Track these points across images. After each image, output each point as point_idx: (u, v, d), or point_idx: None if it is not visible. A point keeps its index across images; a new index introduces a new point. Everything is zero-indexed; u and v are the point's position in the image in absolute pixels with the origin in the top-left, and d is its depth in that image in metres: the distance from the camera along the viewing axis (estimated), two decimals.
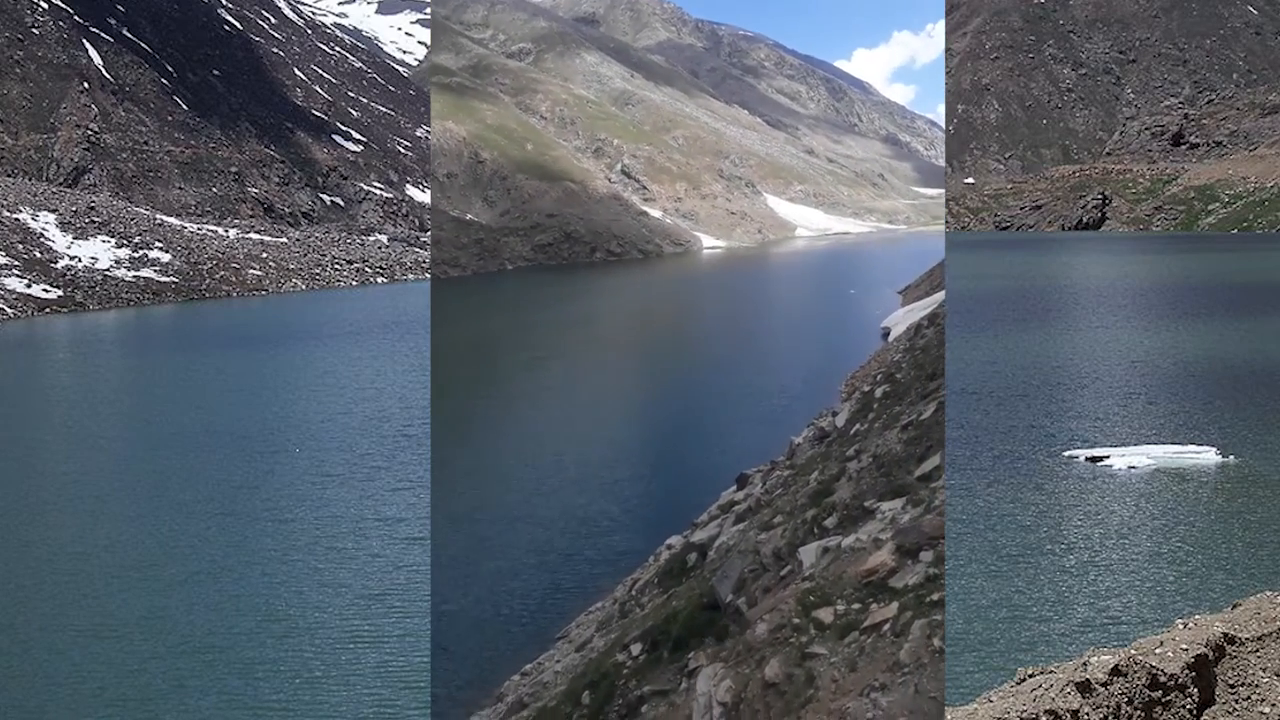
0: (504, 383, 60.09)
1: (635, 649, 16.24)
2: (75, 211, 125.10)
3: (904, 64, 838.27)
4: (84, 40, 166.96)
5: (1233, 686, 12.85)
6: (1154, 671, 12.24)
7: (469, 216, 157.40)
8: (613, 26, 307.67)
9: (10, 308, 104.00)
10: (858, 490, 18.44)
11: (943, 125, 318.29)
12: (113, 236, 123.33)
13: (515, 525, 35.07)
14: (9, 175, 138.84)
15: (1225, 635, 13.08)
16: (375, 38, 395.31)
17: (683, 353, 70.82)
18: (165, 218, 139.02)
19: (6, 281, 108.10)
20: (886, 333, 63.63)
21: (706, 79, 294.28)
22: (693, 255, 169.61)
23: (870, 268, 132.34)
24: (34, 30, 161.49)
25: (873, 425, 24.96)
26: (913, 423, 20.98)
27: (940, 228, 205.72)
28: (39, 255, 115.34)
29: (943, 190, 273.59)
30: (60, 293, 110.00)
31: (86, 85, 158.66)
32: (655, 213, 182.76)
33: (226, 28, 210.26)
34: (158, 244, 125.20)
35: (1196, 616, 13.90)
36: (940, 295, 58.00)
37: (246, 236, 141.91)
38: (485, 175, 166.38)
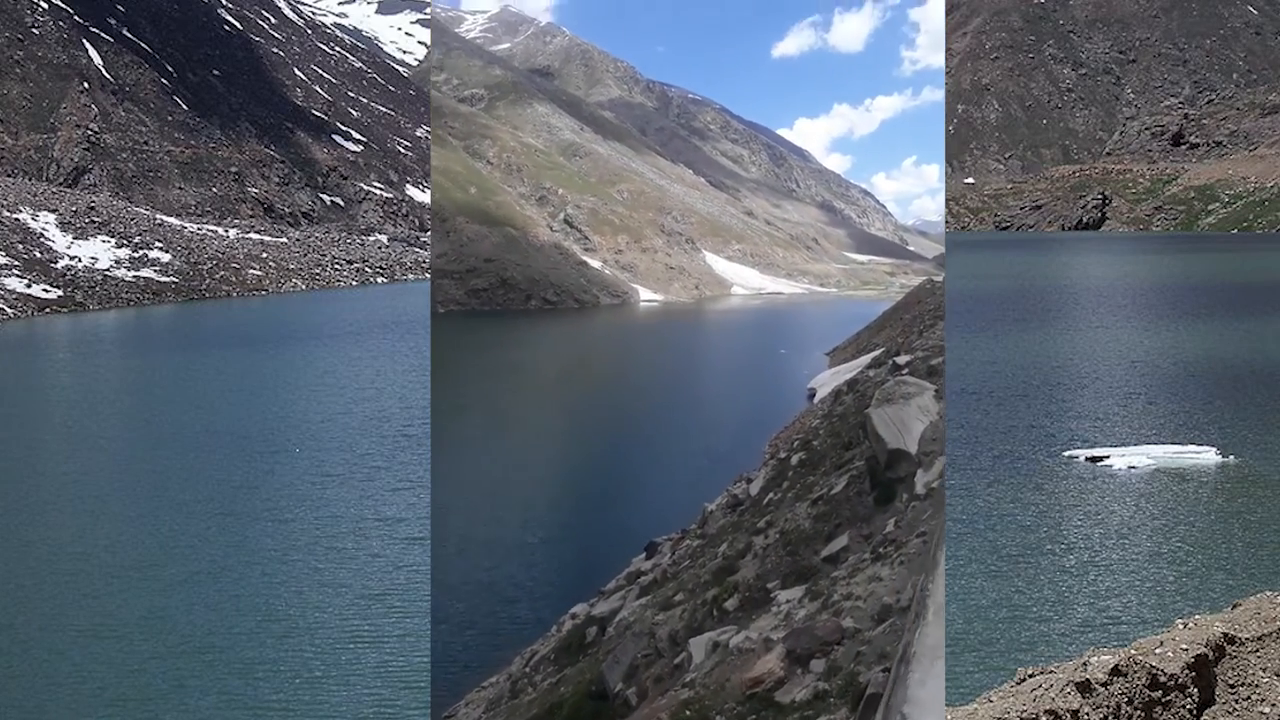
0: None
1: None
2: (75, 211, 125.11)
3: (842, 134, 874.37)
4: (84, 40, 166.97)
5: (1233, 686, 12.85)
6: (1154, 671, 12.24)
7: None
8: (566, 80, 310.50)
9: (10, 308, 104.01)
10: (761, 569, 18.18)
11: (875, 195, 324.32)
12: (113, 236, 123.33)
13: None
14: (9, 175, 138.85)
15: (1225, 635, 13.08)
16: (375, 38, 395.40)
17: (609, 407, 69.48)
18: (165, 218, 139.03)
19: (6, 281, 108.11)
20: (813, 394, 63.78)
21: (654, 137, 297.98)
22: (629, 307, 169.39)
23: (801, 328, 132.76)
24: (34, 30, 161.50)
25: (785, 495, 24.72)
26: (823, 497, 20.72)
27: (870, 292, 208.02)
28: (39, 255, 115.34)
29: (872, 256, 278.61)
30: (60, 293, 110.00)
31: (86, 85, 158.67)
32: (595, 263, 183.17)
33: (226, 28, 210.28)
34: (158, 244, 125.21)
35: (1196, 616, 13.90)
36: (867, 358, 58.03)
37: (246, 236, 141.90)
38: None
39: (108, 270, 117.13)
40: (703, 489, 37.97)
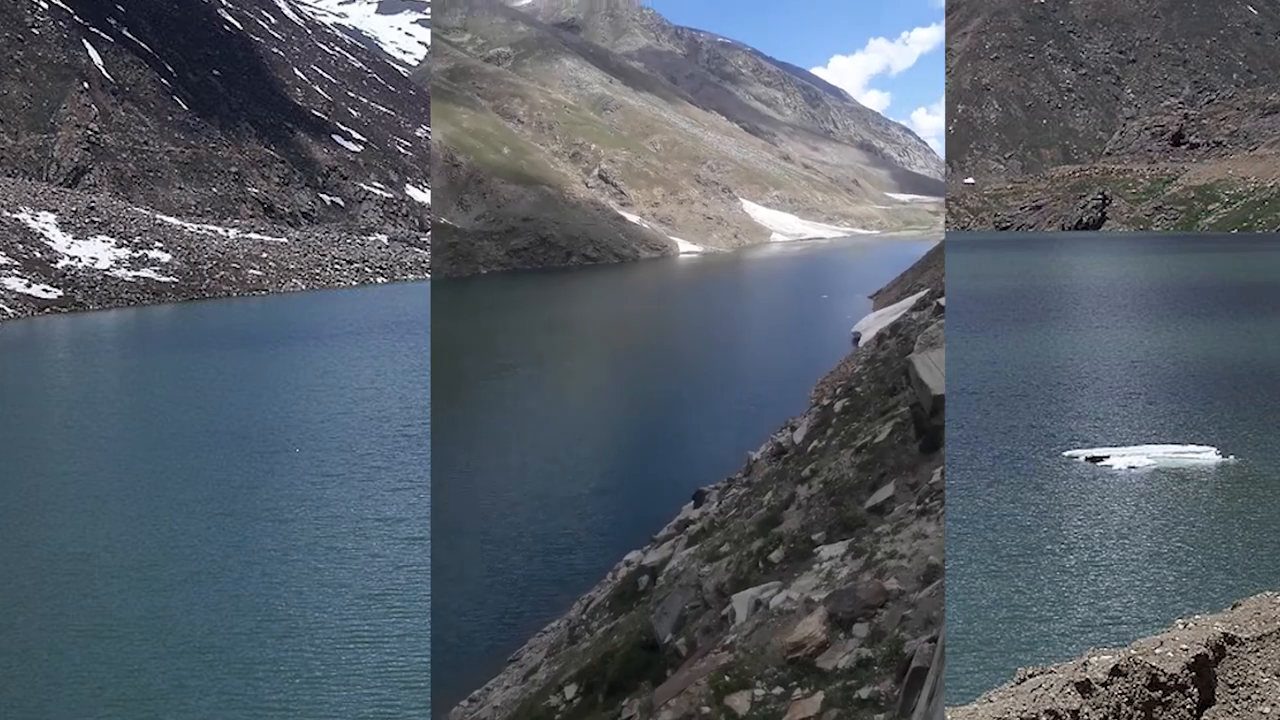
0: (468, 391, 59.55)
1: (569, 691, 15.66)
2: (75, 211, 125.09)
3: (879, 71, 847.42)
4: (84, 40, 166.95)
5: (1233, 686, 12.85)
6: (1154, 671, 12.24)
7: (443, 220, 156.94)
8: (592, 32, 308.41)
9: (10, 308, 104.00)
10: (806, 520, 18.03)
11: (916, 132, 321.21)
12: (113, 236, 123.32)
13: (470, 544, 34.62)
14: (9, 175, 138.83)
15: (1225, 635, 13.08)
16: (375, 38, 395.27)
17: (653, 360, 70.35)
18: (165, 218, 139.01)
19: (6, 281, 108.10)
20: (857, 338, 63.79)
21: (685, 85, 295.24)
22: (669, 260, 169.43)
23: (843, 273, 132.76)
24: (34, 30, 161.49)
25: (830, 443, 24.65)
26: (867, 445, 20.50)
27: (913, 232, 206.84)
28: (39, 255, 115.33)
29: (914, 196, 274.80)
30: (60, 293, 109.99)
31: (86, 85, 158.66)
32: (632, 217, 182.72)
33: (226, 28, 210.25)
34: (158, 244, 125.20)
35: (1196, 616, 13.90)
36: (911, 300, 58.12)
37: (246, 236, 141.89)
38: (461, 179, 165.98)
39: (108, 270, 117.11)
40: (750, 436, 38.47)
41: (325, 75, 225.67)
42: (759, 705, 11.02)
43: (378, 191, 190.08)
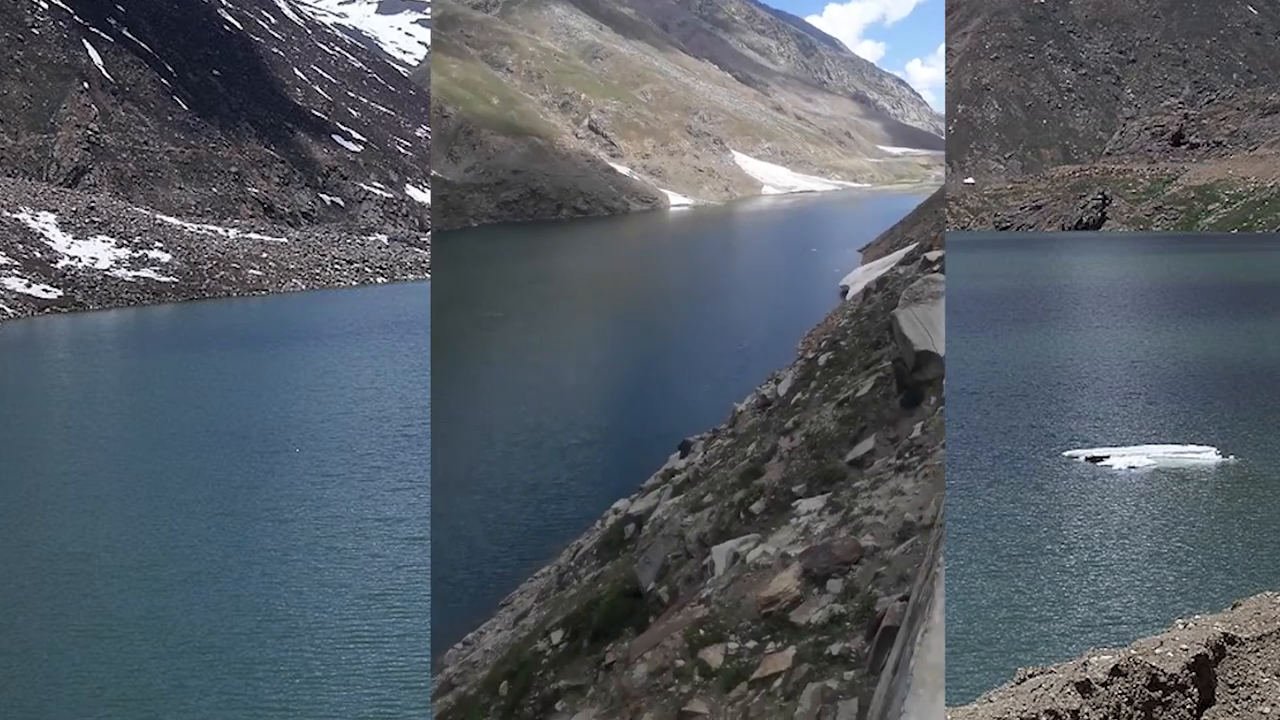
0: (456, 342, 59.89)
1: (556, 636, 15.98)
2: (75, 211, 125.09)
3: (875, 20, 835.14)
4: (84, 40, 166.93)
5: (1233, 686, 12.85)
6: (1154, 671, 12.24)
7: (433, 172, 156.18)
8: None
9: (10, 308, 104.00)
10: (787, 473, 18.17)
11: (910, 84, 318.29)
12: (113, 236, 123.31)
13: (462, 493, 35.15)
14: (9, 175, 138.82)
15: (1225, 635, 13.08)
16: (375, 38, 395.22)
17: (642, 312, 71.00)
18: (165, 218, 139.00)
19: (6, 281, 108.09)
20: (845, 291, 64.05)
21: (676, 33, 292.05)
22: (660, 213, 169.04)
23: (833, 226, 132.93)
24: (34, 30, 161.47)
25: (813, 396, 24.81)
26: (849, 399, 20.53)
27: (904, 186, 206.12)
28: (39, 255, 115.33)
29: (907, 149, 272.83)
30: (60, 293, 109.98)
31: (86, 85, 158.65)
32: (623, 169, 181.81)
33: (226, 28, 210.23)
34: (158, 244, 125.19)
35: (1196, 616, 13.90)
36: (899, 254, 58.26)
37: (246, 236, 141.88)
38: (450, 130, 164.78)
39: (108, 270, 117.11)
40: (737, 388, 38.81)
41: (325, 75, 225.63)
42: (732, 658, 11.15)
43: (378, 191, 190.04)
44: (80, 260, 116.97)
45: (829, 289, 69.18)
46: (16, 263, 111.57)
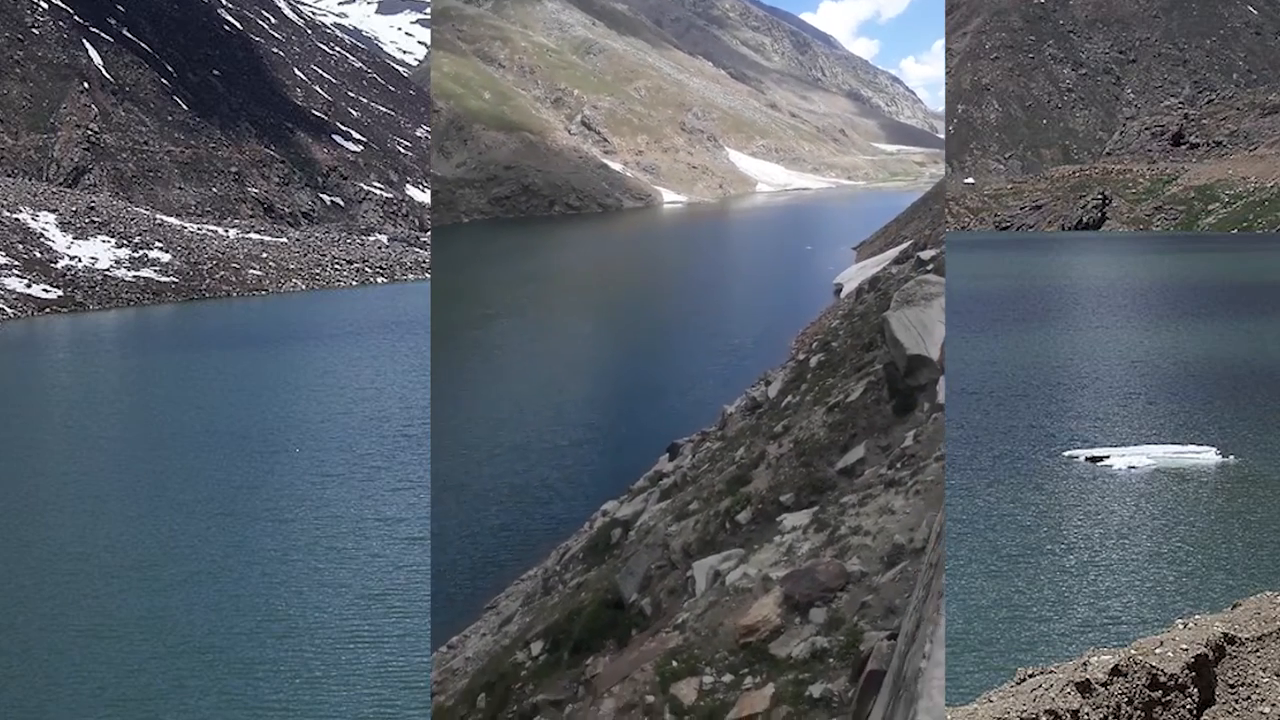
0: (448, 341, 59.86)
1: (536, 648, 15.65)
2: (75, 211, 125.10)
3: (869, 18, 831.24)
4: (84, 40, 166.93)
5: (1233, 686, 12.85)
6: (1154, 671, 12.24)
7: (430, 169, 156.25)
8: None
9: (10, 308, 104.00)
10: (775, 481, 17.74)
11: (904, 81, 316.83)
12: (113, 236, 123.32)
13: (452, 494, 35.12)
14: (9, 175, 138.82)
15: (1225, 635, 13.08)
16: (375, 38, 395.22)
17: (635, 311, 70.90)
18: (165, 218, 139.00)
19: (6, 281, 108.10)
20: (839, 290, 63.93)
21: (670, 29, 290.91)
22: (653, 210, 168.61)
23: (828, 224, 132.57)
24: (34, 30, 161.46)
25: (804, 399, 24.38)
26: (839, 404, 20.04)
27: (899, 183, 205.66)
28: (39, 255, 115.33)
29: (902, 146, 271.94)
30: (60, 293, 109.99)
31: (86, 85, 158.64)
32: (616, 165, 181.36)
33: (226, 28, 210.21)
34: (158, 244, 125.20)
35: (1196, 616, 13.90)
36: (893, 252, 58.22)
37: (246, 236, 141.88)
38: (441, 125, 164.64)
39: (108, 270, 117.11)
40: (730, 388, 38.62)
41: (325, 75, 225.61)
42: (706, 694, 10.54)
43: (378, 191, 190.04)
44: (80, 260, 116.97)
45: (824, 287, 69.09)
46: (16, 263, 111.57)
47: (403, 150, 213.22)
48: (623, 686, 11.50)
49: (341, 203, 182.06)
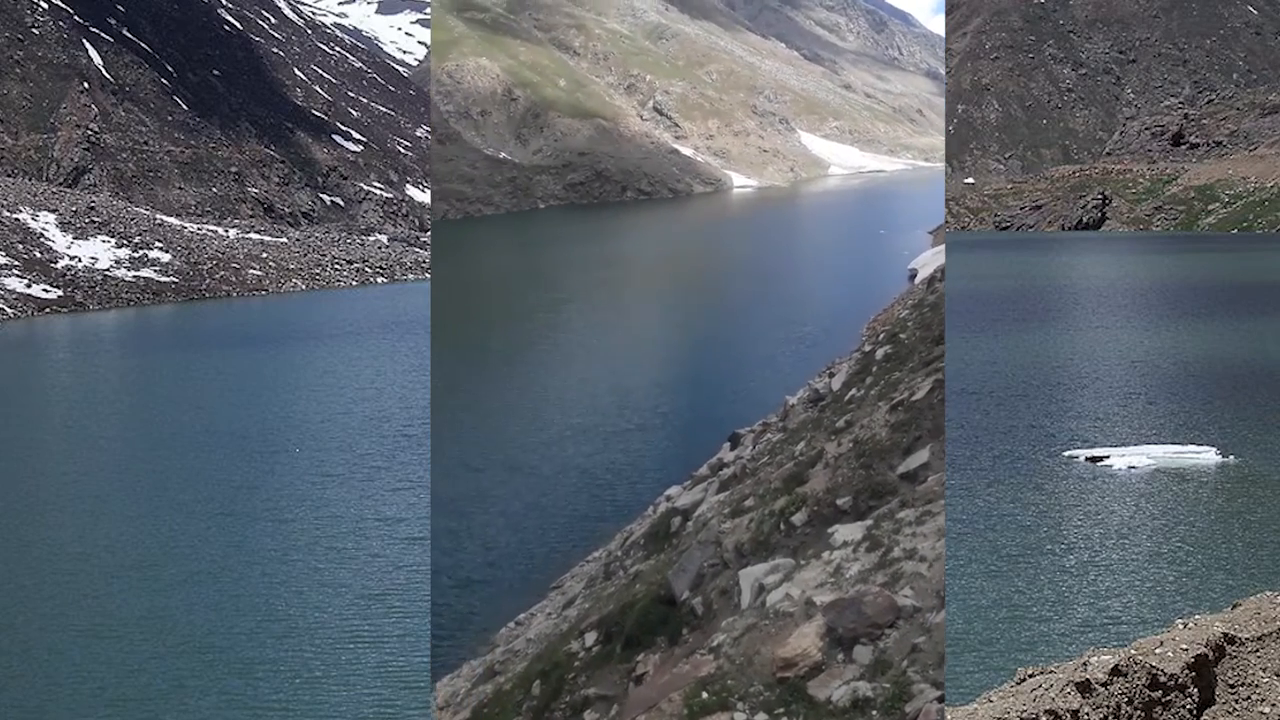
0: (517, 325, 59.98)
1: (589, 638, 15.45)
2: (75, 211, 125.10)
3: None
4: (84, 40, 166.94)
5: (1233, 686, 12.85)
6: (1154, 671, 12.24)
7: (502, 155, 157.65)
8: None
9: (10, 308, 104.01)
10: (832, 482, 17.08)
11: None
12: (113, 236, 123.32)
13: (513, 475, 35.21)
14: (9, 175, 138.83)
15: (1225, 635, 13.08)
16: (375, 38, 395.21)
17: (704, 295, 70.60)
18: (165, 218, 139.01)
19: (6, 281, 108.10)
20: (914, 274, 63.04)
21: (743, 11, 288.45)
22: (723, 195, 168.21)
23: (903, 207, 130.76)
24: (34, 30, 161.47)
25: (868, 393, 23.68)
26: (903, 403, 19.08)
27: None
28: (39, 255, 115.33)
29: None
30: (60, 293, 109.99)
31: (86, 85, 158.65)
32: (687, 151, 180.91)
33: (226, 28, 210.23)
34: (158, 244, 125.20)
35: (1196, 616, 13.90)
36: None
37: (246, 236, 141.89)
38: (518, 113, 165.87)
39: (108, 270, 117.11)
40: (801, 373, 38.47)
41: (325, 75, 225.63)
42: None
43: (378, 191, 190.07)
44: (80, 260, 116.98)
45: (898, 273, 67.91)
46: (16, 263, 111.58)
47: (403, 150, 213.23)
48: (649, 716, 10.90)
49: (341, 203, 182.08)
